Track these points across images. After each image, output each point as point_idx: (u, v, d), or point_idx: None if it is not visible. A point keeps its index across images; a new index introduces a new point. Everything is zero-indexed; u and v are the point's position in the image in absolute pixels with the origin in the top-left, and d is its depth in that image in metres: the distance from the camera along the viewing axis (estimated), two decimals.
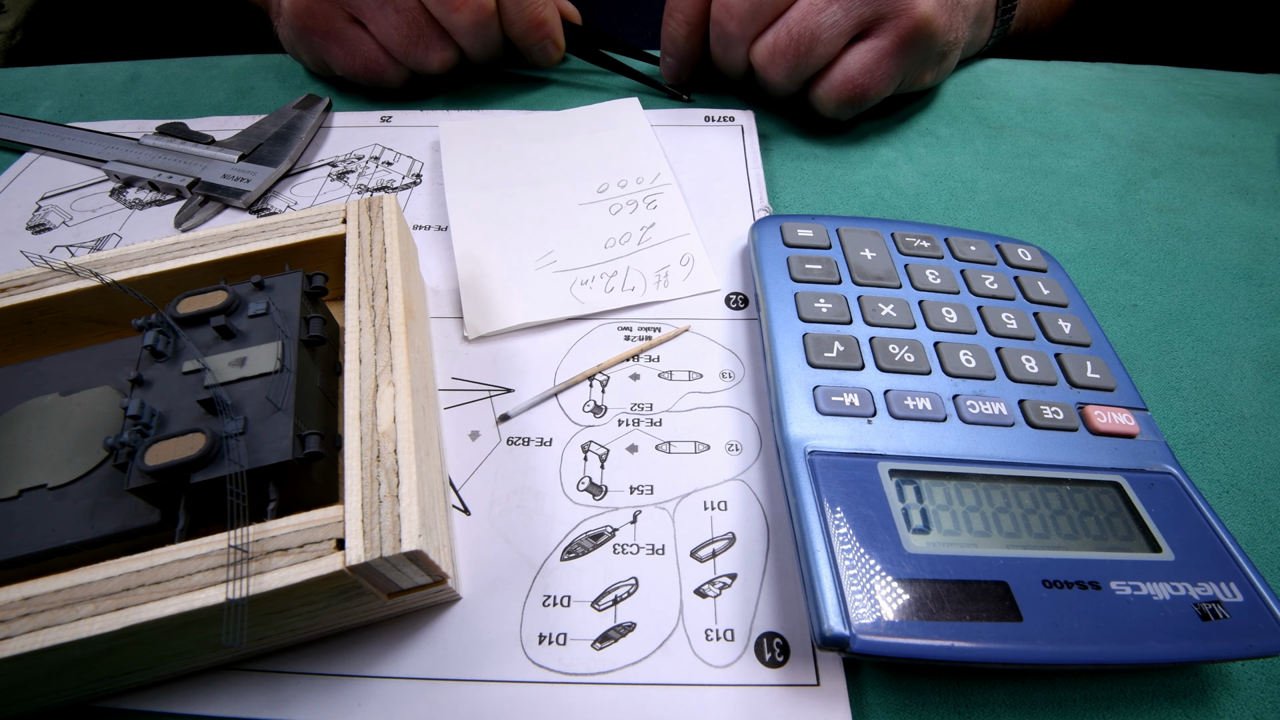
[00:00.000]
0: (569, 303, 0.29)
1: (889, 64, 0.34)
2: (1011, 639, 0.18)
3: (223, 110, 0.40)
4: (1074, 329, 0.26)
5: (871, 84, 0.34)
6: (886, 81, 0.34)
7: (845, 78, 0.34)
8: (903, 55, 0.33)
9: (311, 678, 0.20)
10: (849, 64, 0.33)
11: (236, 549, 0.16)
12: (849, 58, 0.33)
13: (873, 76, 0.34)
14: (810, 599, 0.18)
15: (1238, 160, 0.37)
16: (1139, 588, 0.19)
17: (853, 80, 0.34)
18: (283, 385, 0.20)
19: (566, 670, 0.20)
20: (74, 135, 0.37)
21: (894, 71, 0.34)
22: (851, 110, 0.36)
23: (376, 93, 0.40)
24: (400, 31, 0.35)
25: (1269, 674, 0.20)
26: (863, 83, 0.34)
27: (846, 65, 0.34)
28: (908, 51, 0.33)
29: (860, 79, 0.34)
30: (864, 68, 0.33)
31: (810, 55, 0.33)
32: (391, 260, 0.23)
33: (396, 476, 0.18)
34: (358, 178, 0.35)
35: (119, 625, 0.16)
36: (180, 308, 0.22)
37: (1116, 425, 0.23)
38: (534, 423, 0.25)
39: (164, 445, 0.18)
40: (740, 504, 0.23)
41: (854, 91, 0.34)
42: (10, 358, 0.24)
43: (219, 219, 0.33)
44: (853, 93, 0.34)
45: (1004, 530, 0.20)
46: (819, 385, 0.23)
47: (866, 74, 0.34)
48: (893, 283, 0.27)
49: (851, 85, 0.34)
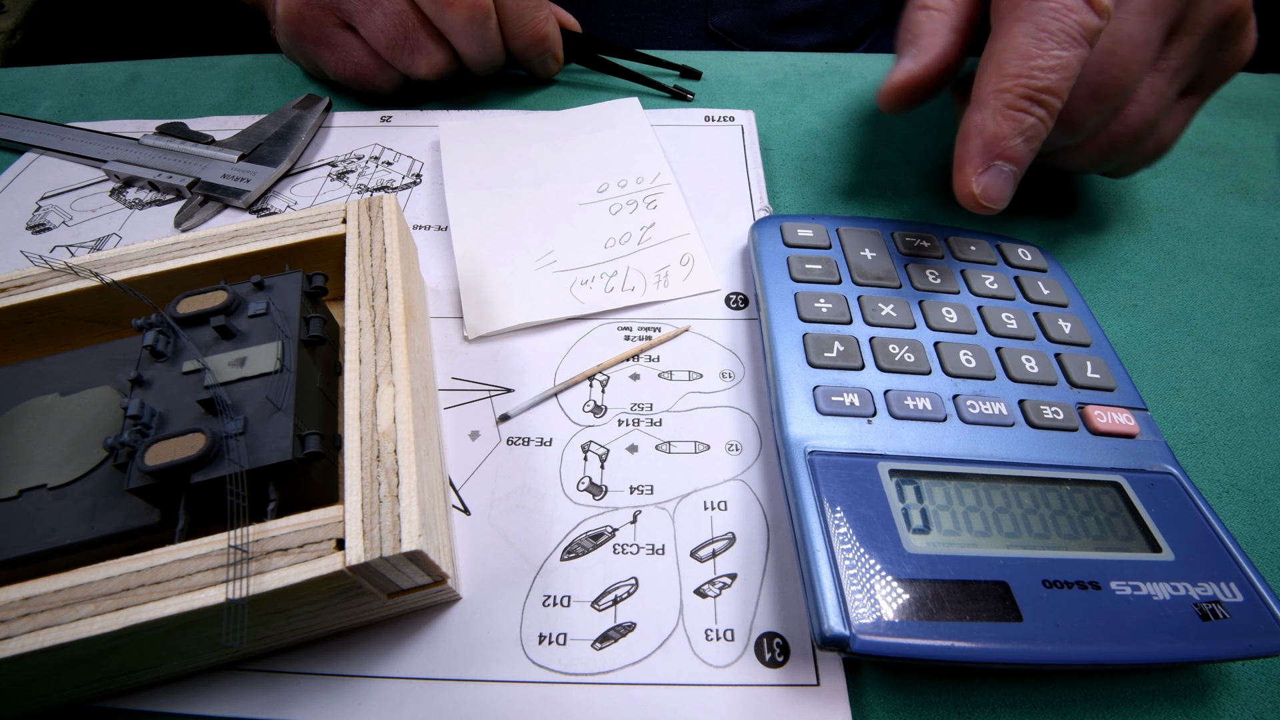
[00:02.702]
0: (569, 303, 0.29)
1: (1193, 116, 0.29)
2: (1011, 639, 0.18)
3: (223, 110, 0.40)
4: (1074, 329, 0.26)
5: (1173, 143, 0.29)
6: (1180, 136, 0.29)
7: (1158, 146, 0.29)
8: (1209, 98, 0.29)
9: (311, 678, 0.20)
10: (1163, 131, 0.28)
11: (236, 549, 0.16)
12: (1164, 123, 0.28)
13: (1177, 136, 0.29)
14: (810, 599, 0.18)
15: (1238, 160, 0.37)
16: (1139, 588, 0.19)
17: (1161, 146, 0.29)
18: (283, 385, 0.20)
19: (566, 670, 0.20)
20: (74, 135, 0.37)
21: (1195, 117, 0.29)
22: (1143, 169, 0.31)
23: (372, 98, 0.40)
24: (388, 34, 0.35)
25: (1269, 674, 0.20)
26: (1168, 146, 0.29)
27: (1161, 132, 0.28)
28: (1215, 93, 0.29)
29: (1168, 143, 0.29)
30: (1175, 131, 0.29)
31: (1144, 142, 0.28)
32: (391, 260, 0.23)
33: (396, 476, 0.18)
34: (358, 178, 0.35)
35: (119, 625, 0.16)
36: (180, 308, 0.22)
37: (1116, 425, 0.23)
38: (534, 423, 0.25)
39: (164, 445, 0.18)
40: (740, 504, 0.23)
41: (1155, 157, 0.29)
42: (10, 358, 0.24)
43: (219, 219, 0.33)
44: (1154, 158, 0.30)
45: (1004, 530, 0.20)
46: (819, 385, 0.23)
47: (1174, 137, 0.29)
48: (893, 283, 0.27)
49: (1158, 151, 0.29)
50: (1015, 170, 0.25)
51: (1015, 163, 0.25)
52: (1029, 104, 0.24)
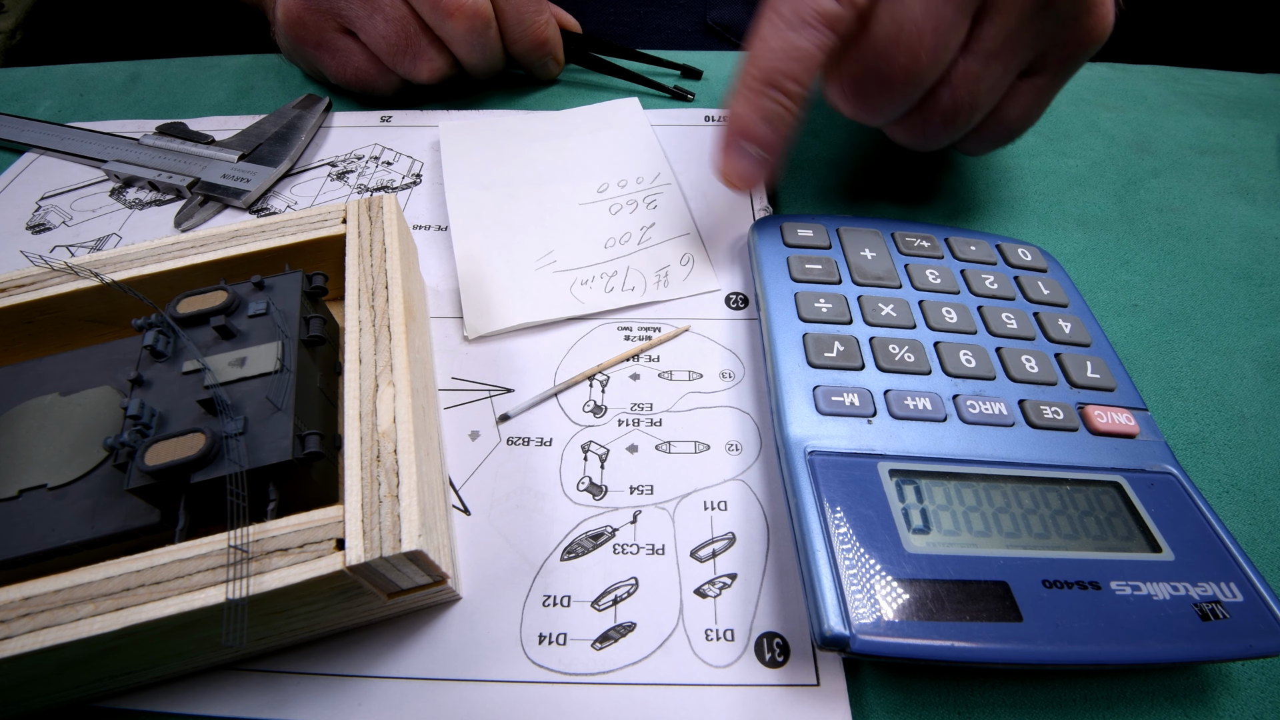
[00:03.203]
0: (569, 303, 0.29)
1: (1049, 97, 0.29)
2: (1011, 639, 0.18)
3: (223, 110, 0.40)
4: (1074, 329, 0.26)
5: (1026, 124, 0.29)
6: (1041, 113, 0.29)
7: (999, 125, 0.29)
8: (1066, 81, 0.28)
9: (311, 678, 0.20)
10: (1006, 112, 0.28)
11: (236, 549, 0.16)
12: (1006, 105, 0.28)
13: (1029, 117, 0.29)
14: (810, 599, 0.18)
15: (1238, 160, 0.37)
16: (1139, 588, 0.19)
17: (1008, 127, 0.29)
18: (283, 385, 0.20)
19: (566, 670, 0.20)
20: (74, 135, 0.37)
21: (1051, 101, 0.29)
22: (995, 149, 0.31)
23: (372, 99, 0.40)
24: (389, 40, 0.35)
25: (1269, 674, 0.20)
26: (1018, 127, 0.29)
27: (1002, 113, 0.28)
28: (1072, 75, 0.28)
29: (1016, 124, 0.29)
30: (1023, 112, 0.28)
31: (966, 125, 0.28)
32: (391, 260, 0.23)
33: (396, 476, 0.18)
34: (358, 178, 0.35)
35: (119, 625, 0.16)
36: (180, 308, 0.22)
37: (1116, 425, 0.23)
38: (534, 423, 0.25)
39: (164, 445, 0.18)
40: (740, 504, 0.23)
41: (1006, 138, 0.30)
42: (10, 358, 0.24)
43: (219, 219, 0.33)
44: (1005, 139, 0.30)
45: (1004, 530, 0.20)
46: (819, 385, 0.23)
47: (1023, 118, 0.29)
48: (893, 283, 0.27)
49: (1005, 132, 0.29)
50: (761, 152, 0.26)
51: (760, 144, 0.25)
52: (767, 88, 0.24)
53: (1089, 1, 0.25)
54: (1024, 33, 0.25)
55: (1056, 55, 0.26)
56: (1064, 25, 0.25)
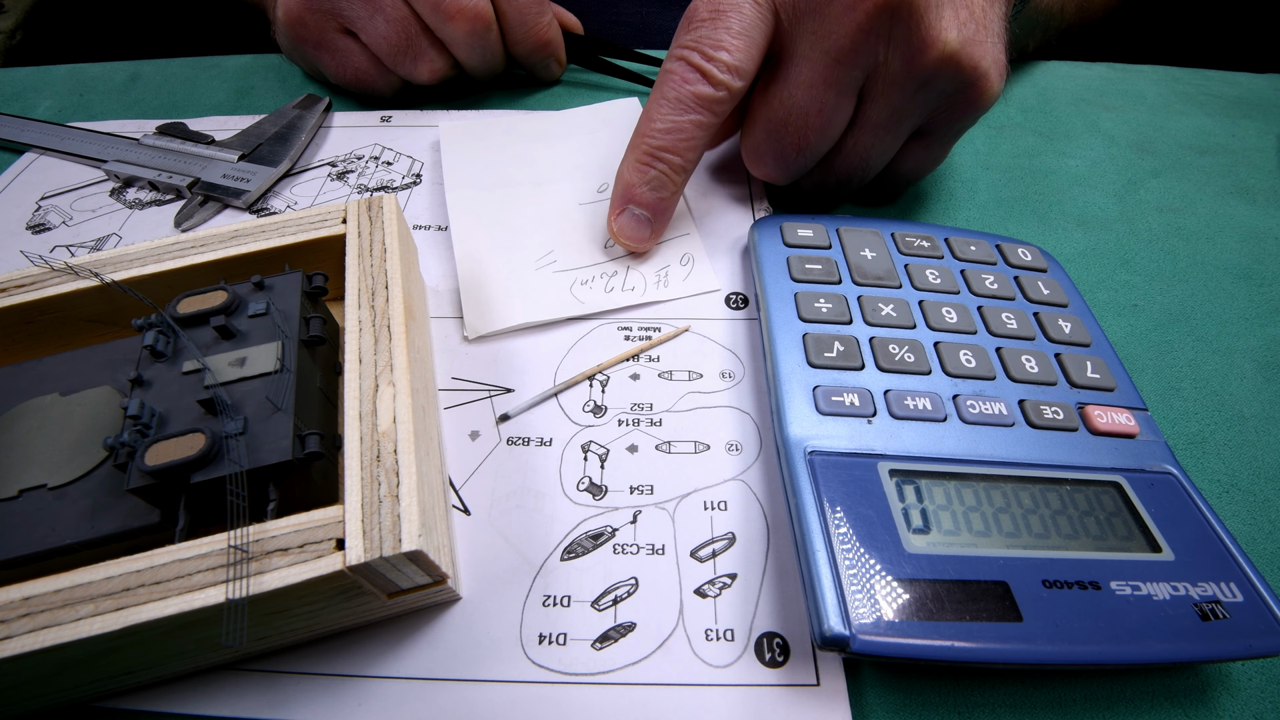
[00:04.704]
0: (569, 303, 0.29)
1: (942, 153, 0.31)
2: (1011, 639, 0.18)
3: (223, 110, 0.40)
4: (1074, 329, 0.26)
5: (922, 175, 0.32)
6: (936, 165, 0.32)
7: (896, 178, 0.32)
8: (957, 138, 0.31)
9: (311, 678, 0.20)
10: (900, 165, 0.31)
11: (236, 549, 0.16)
12: (900, 161, 0.31)
13: (924, 169, 0.31)
14: (810, 599, 0.18)
15: (1238, 160, 0.37)
16: (1139, 588, 0.19)
17: (904, 178, 0.32)
18: (283, 385, 0.20)
19: (566, 670, 0.20)
20: (74, 135, 0.37)
21: (946, 155, 0.32)
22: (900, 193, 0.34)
23: (372, 99, 0.40)
24: (390, 41, 0.35)
25: (1269, 674, 0.20)
26: (914, 178, 0.32)
27: (897, 167, 0.31)
28: (963, 133, 0.30)
29: (911, 176, 0.32)
30: (916, 165, 0.31)
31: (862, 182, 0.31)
32: (391, 260, 0.23)
33: (396, 476, 0.18)
34: (358, 178, 0.35)
35: (119, 625, 0.16)
36: (180, 308, 0.22)
37: (1116, 425, 0.23)
38: (534, 423, 0.25)
39: (164, 445, 0.18)
40: (740, 504, 0.23)
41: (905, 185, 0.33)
42: (10, 358, 0.24)
43: (219, 219, 0.33)
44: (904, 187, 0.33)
45: (1004, 530, 0.20)
46: (819, 385, 0.23)
47: (917, 170, 0.31)
48: (893, 283, 0.27)
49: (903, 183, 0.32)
50: (647, 214, 0.29)
51: (645, 207, 0.28)
52: (650, 159, 0.27)
53: (968, 77, 0.26)
54: (907, 106, 0.27)
55: (943, 119, 0.29)
56: (945, 98, 0.27)
